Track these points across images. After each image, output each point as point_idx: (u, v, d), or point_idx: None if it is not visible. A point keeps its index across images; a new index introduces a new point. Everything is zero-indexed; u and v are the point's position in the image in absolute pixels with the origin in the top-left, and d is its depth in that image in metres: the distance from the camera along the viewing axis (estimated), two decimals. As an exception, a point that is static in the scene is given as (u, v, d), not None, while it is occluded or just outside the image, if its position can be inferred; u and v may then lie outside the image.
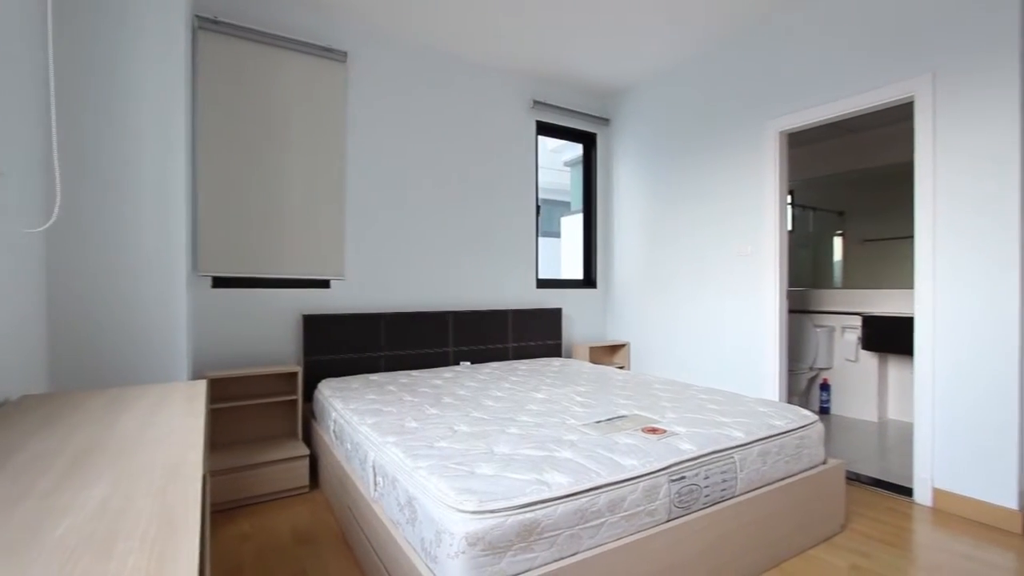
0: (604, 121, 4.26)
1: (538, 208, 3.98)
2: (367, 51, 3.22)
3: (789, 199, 4.74)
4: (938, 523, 2.24)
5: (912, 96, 2.46)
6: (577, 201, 4.49)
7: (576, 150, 4.43)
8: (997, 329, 2.22)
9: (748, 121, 3.21)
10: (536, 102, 3.86)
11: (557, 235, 4.90)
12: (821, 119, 2.83)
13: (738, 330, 3.28)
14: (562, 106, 4.04)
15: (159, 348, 1.90)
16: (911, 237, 2.66)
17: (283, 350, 2.94)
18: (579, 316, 4.21)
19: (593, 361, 4.10)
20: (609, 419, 1.98)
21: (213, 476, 2.28)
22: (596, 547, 1.40)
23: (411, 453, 1.60)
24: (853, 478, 2.72)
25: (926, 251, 2.43)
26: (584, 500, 1.38)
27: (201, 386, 1.42)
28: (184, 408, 1.18)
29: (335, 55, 3.04)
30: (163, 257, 1.91)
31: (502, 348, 3.66)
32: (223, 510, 2.32)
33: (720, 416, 2.06)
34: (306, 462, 2.50)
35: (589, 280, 4.36)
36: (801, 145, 4.73)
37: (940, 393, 2.39)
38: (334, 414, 2.33)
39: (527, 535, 1.27)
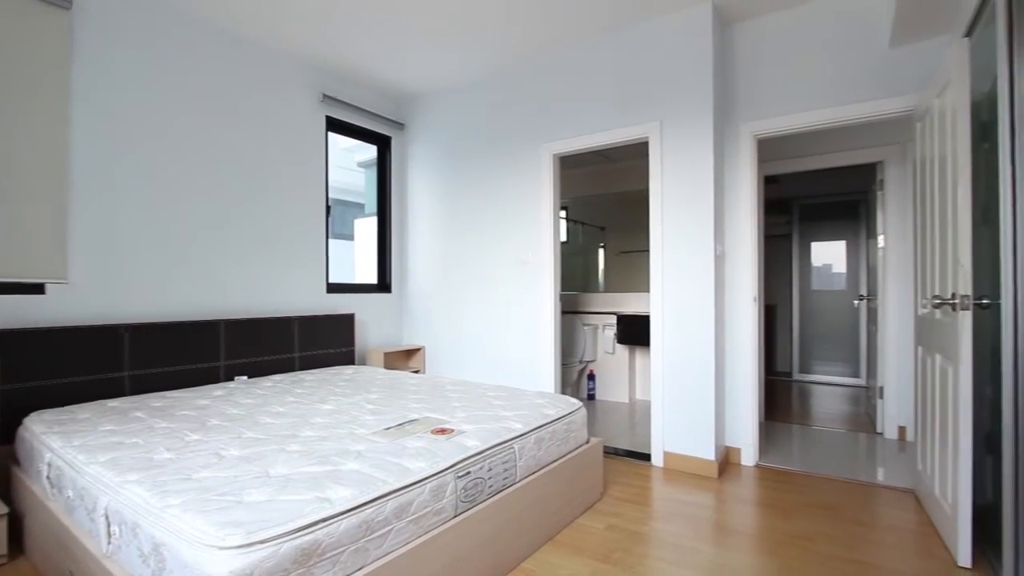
0: (399, 125, 4.24)
1: (328, 208, 3.76)
2: (109, 3, 2.62)
3: (563, 214, 5.40)
4: (667, 479, 2.80)
5: (647, 137, 3.05)
6: (372, 203, 4.37)
7: (370, 151, 4.31)
8: (700, 325, 2.89)
9: (528, 141, 3.56)
10: (326, 96, 3.65)
11: (350, 237, 4.68)
12: (584, 147, 3.30)
13: (521, 330, 3.60)
14: (355, 104, 3.89)
15: None
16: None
17: (-37, 378, 2.19)
18: (374, 321, 4.10)
19: (388, 367, 4.04)
20: (399, 424, 1.97)
21: None
22: (383, 556, 1.38)
23: (160, 490, 1.35)
24: (611, 452, 3.23)
25: (657, 261, 3.03)
26: (370, 511, 1.34)
27: None
28: None
29: None
30: None
31: (287, 359, 3.34)
32: None
33: (503, 411, 2.23)
34: (3, 524, 1.91)
35: (384, 284, 4.28)
36: (575, 167, 5.42)
37: (667, 375, 3.00)
38: (49, 455, 1.82)
39: (306, 560, 1.19)
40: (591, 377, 4.77)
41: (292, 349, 3.37)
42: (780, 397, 4.95)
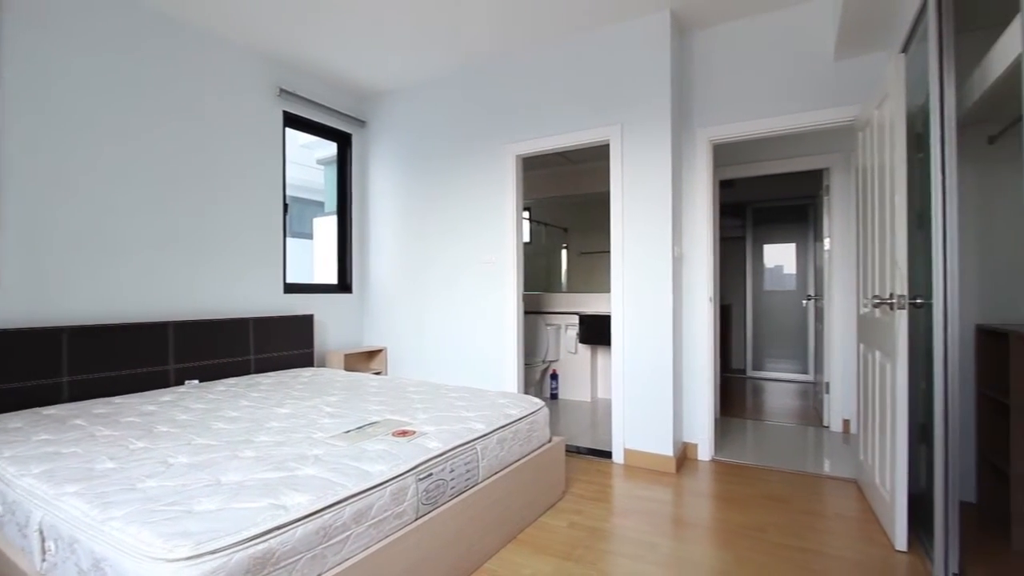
0: (360, 122, 4.17)
1: (286, 206, 3.66)
2: (39, -15, 2.46)
3: (527, 214, 5.43)
4: (627, 476, 2.85)
5: (608, 139, 3.10)
6: (331, 202, 4.28)
7: (330, 148, 4.21)
8: (659, 324, 2.96)
9: (492, 142, 3.56)
10: (283, 90, 3.54)
11: (309, 236, 4.54)
12: (546, 149, 3.33)
13: (484, 330, 3.60)
14: (314, 100, 3.80)
15: None
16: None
17: None
18: (333, 322, 4.01)
19: (349, 368, 3.96)
20: (359, 427, 1.93)
21: None
22: (341, 563, 1.35)
23: (101, 502, 1.28)
24: (573, 450, 3.26)
25: (618, 262, 3.09)
26: (328, 516, 1.31)
27: None
28: None
29: (-19, -21, 2.24)
30: None
31: (242, 361, 3.23)
32: None
33: (466, 411, 2.22)
34: (-79, 543, 1.76)
35: (344, 284, 4.19)
36: (537, 168, 5.46)
37: (627, 374, 3.06)
38: (-25, 468, 1.70)
39: (259, 569, 1.15)
40: (554, 377, 4.81)
41: (247, 351, 3.26)
42: (735, 393, 5.13)
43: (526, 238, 5.45)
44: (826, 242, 3.82)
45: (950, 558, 1.76)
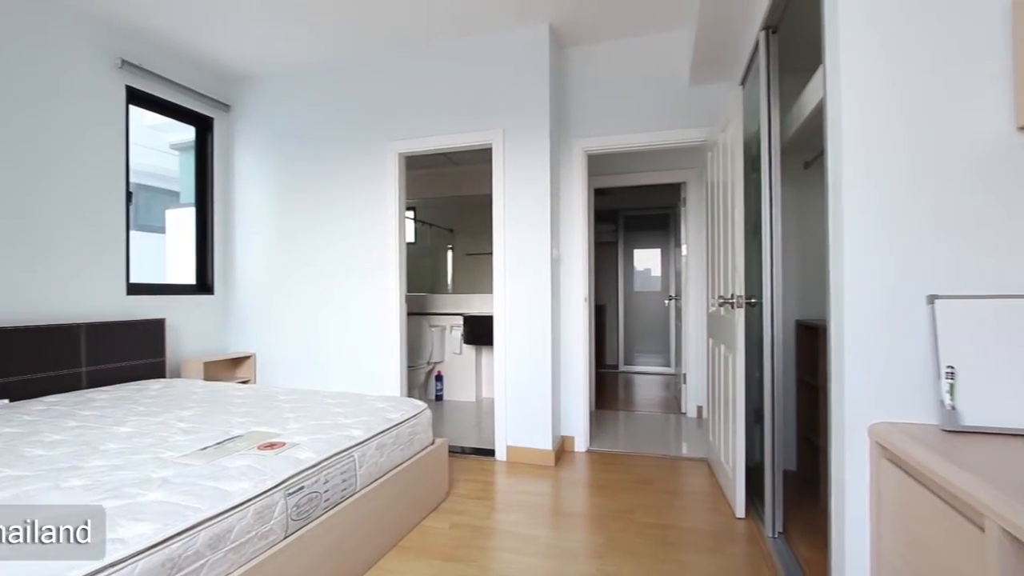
0: (224, 106, 3.78)
1: (129, 194, 3.20)
2: None
3: (412, 214, 5.33)
4: (510, 472, 2.93)
5: (491, 143, 3.17)
6: (188, 192, 3.83)
7: (187, 132, 3.76)
8: (538, 323, 3.08)
9: (373, 138, 3.44)
10: (126, 62, 3.09)
11: (161, 230, 3.98)
12: (430, 148, 3.31)
13: (365, 333, 3.46)
14: (166, 76, 3.36)
15: None
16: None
17: None
18: (191, 327, 3.59)
19: (210, 378, 3.56)
20: (219, 443, 1.76)
21: None
22: (195, 594, 1.21)
23: None
24: (457, 451, 3.27)
25: (500, 263, 3.16)
26: (176, 546, 1.17)
27: None
28: None
29: None
30: None
31: (70, 375, 2.75)
32: None
33: (344, 418, 2.12)
34: None
35: (204, 285, 3.77)
36: (422, 168, 5.38)
37: (509, 372, 3.14)
38: None
39: (87, 614, 0.99)
40: (439, 378, 4.78)
41: (77, 363, 2.79)
42: (608, 387, 5.52)
43: (411, 238, 5.34)
44: (683, 248, 4.26)
45: (776, 519, 2.07)
